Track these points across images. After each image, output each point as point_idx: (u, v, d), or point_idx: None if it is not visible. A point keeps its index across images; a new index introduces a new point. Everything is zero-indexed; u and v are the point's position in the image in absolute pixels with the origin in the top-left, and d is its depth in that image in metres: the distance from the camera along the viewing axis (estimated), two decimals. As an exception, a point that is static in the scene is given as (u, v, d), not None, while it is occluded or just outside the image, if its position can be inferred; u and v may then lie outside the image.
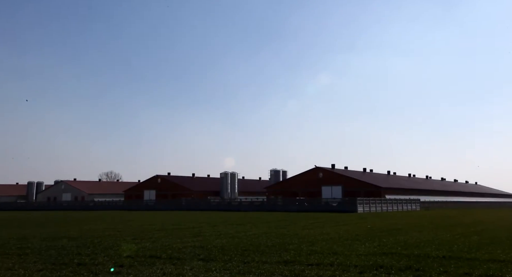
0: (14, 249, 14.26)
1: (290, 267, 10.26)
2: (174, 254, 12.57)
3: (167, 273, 9.63)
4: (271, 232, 20.28)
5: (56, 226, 26.23)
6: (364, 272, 9.59)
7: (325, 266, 10.37)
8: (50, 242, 16.37)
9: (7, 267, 10.69)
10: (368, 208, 51.31)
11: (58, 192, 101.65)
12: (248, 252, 12.92)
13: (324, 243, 15.48)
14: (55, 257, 12.37)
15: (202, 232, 20.69)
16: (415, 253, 12.50)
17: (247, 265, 10.66)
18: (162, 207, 65.47)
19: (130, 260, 11.61)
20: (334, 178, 70.34)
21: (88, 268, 10.36)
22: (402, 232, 20.22)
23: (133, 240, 16.91)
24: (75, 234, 20.13)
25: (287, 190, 73.02)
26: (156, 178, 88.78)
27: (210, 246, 14.46)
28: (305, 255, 12.28)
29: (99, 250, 13.60)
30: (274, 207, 56.16)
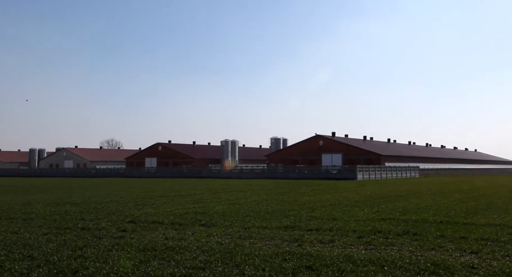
0: (19, 214, 14.51)
1: (290, 232, 10.44)
2: (176, 219, 12.78)
3: (169, 238, 9.81)
4: (271, 199, 20.56)
5: (59, 192, 26.59)
6: (363, 236, 9.77)
7: (324, 231, 10.56)
8: (54, 208, 16.64)
9: (12, 231, 10.91)
10: (367, 175, 51.82)
11: (59, 159, 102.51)
12: (248, 218, 13.12)
13: (323, 209, 15.72)
14: (59, 221, 12.59)
15: (203, 198, 20.97)
16: (413, 219, 12.70)
17: (247, 230, 10.85)
18: (163, 174, 66.18)
19: (132, 225, 11.81)
20: (334, 146, 70.62)
21: (92, 232, 10.56)
22: (400, 199, 20.49)
23: (135, 206, 17.16)
24: (78, 200, 20.43)
25: (288, 158, 73.52)
26: (157, 145, 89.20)
27: (211, 212, 14.68)
28: (304, 220, 12.48)
29: (102, 216, 13.83)
30: (275, 175, 56.74)
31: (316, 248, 8.56)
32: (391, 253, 8.09)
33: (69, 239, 9.71)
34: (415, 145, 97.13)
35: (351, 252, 8.18)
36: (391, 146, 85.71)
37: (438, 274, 6.55)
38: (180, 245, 8.84)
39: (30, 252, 8.20)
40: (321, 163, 68.77)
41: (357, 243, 9.11)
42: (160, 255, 7.91)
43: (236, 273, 6.62)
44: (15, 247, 8.77)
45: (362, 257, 7.65)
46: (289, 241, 9.40)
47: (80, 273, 6.70)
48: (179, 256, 7.83)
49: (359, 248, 8.62)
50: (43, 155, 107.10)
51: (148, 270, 6.80)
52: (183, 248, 8.48)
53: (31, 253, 8.11)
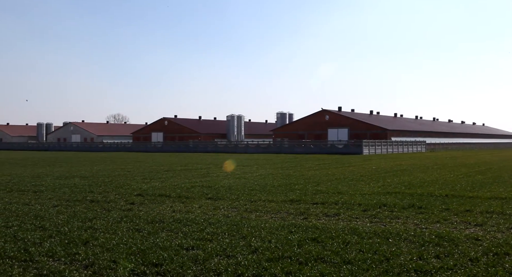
0: (29, 187, 14.78)
1: (295, 206, 10.55)
2: (183, 193, 12.94)
3: (177, 210, 9.96)
4: (277, 173, 20.69)
5: (68, 166, 26.94)
6: (368, 210, 9.85)
7: (330, 205, 10.65)
8: (63, 181, 16.91)
9: (24, 203, 11.14)
10: (374, 150, 51.79)
11: (67, 133, 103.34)
12: (254, 191, 13.25)
13: (329, 183, 15.81)
14: (68, 194, 12.82)
15: (209, 173, 21.15)
16: (418, 192, 12.75)
17: (253, 203, 10.98)
18: (169, 149, 66.63)
19: (140, 198, 12.00)
20: (340, 121, 70.28)
21: (100, 205, 10.75)
22: (406, 173, 20.52)
23: (143, 179, 17.37)
24: (87, 173, 20.71)
25: (294, 133, 73.46)
26: (163, 120, 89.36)
27: (218, 186, 14.82)
28: (310, 194, 12.58)
29: (110, 189, 14.04)
30: (280, 150, 56.88)
31: (322, 221, 8.66)
32: (396, 225, 8.16)
33: (79, 211, 9.90)
34: (422, 119, 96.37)
35: (356, 224, 8.27)
36: (398, 120, 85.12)
37: (442, 246, 6.62)
38: (187, 217, 8.99)
39: (41, 223, 8.39)
40: (327, 137, 68.67)
41: (362, 216, 9.19)
42: (168, 227, 8.05)
43: (243, 245, 6.74)
44: (27, 218, 8.97)
45: (367, 229, 7.74)
46: (295, 214, 9.51)
47: (90, 243, 6.86)
48: (187, 228, 7.97)
49: (364, 221, 8.71)
50: (51, 129, 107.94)
51: (157, 241, 6.94)
52: (191, 221, 8.62)
53: (43, 224, 8.31)
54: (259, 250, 6.41)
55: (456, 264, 5.70)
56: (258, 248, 6.54)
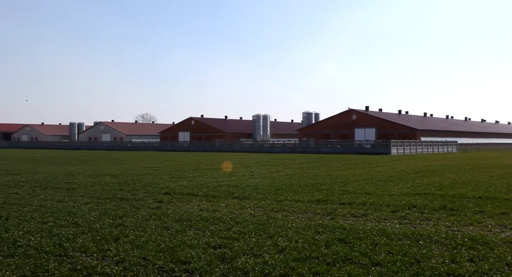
0: (62, 184, 15.30)
1: (322, 206, 10.46)
2: (210, 192, 13.06)
3: (204, 209, 10.06)
4: (303, 173, 20.57)
5: (98, 164, 27.71)
6: (397, 211, 9.64)
7: (357, 205, 10.50)
8: (94, 179, 17.40)
9: (57, 200, 11.55)
10: (402, 150, 50.68)
11: (97, 132, 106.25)
12: (280, 191, 13.22)
13: (356, 183, 15.58)
14: (99, 192, 13.18)
15: (235, 172, 21.26)
16: (449, 194, 12.38)
17: (280, 203, 10.95)
18: (196, 148, 67.40)
19: (168, 196, 12.19)
20: (367, 120, 69.15)
21: (130, 203, 10.99)
22: (436, 174, 19.98)
23: (170, 178, 17.65)
24: (116, 172, 21.23)
25: (320, 132, 72.85)
26: (189, 120, 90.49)
27: (244, 185, 14.88)
28: (337, 194, 12.44)
29: (139, 187, 14.33)
30: (306, 149, 56.53)
31: (349, 222, 8.55)
32: (426, 227, 7.96)
33: (109, 208, 10.16)
34: (453, 119, 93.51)
35: (384, 226, 8.11)
36: (428, 120, 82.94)
37: (476, 249, 6.40)
38: (214, 216, 9.06)
39: (74, 220, 8.67)
40: (354, 137, 67.72)
41: (391, 217, 9.01)
42: (195, 225, 8.14)
43: (270, 244, 6.73)
44: (61, 214, 9.28)
45: (396, 231, 7.58)
46: (322, 214, 9.43)
47: (121, 240, 7.03)
48: (214, 226, 8.04)
49: (393, 222, 8.54)
50: (82, 128, 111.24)
51: (184, 239, 7.03)
52: (217, 219, 8.69)
53: (76, 220, 8.57)
54: (286, 250, 6.40)
55: (491, 269, 5.50)
56: (285, 247, 6.52)
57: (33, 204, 10.82)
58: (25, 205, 10.59)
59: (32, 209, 9.98)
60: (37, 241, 6.90)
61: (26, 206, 10.43)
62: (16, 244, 6.75)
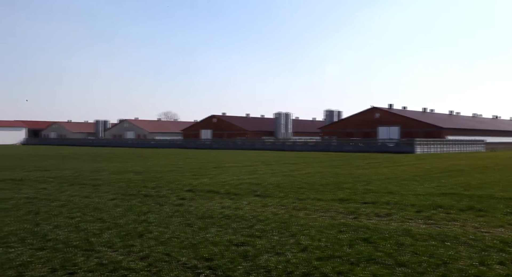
0: (88, 180, 15.69)
1: (345, 205, 10.35)
2: (232, 190, 13.12)
3: (226, 206, 10.12)
4: (325, 171, 20.41)
5: (123, 161, 28.26)
6: (422, 211, 9.45)
7: (381, 205, 10.34)
8: (119, 175, 17.76)
9: (84, 196, 11.85)
10: (427, 149, 49.62)
11: (122, 130, 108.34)
12: (302, 190, 13.16)
13: (379, 182, 15.36)
14: (124, 188, 13.44)
15: (257, 170, 21.29)
16: (477, 194, 12.04)
17: (302, 201, 10.91)
18: (218, 146, 67.85)
19: (191, 194, 12.31)
20: (391, 118, 67.99)
21: (154, 200, 11.16)
22: (463, 173, 19.46)
23: (193, 176, 17.82)
24: (140, 169, 21.59)
25: (342, 131, 72.13)
26: (211, 117, 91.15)
27: (266, 183, 14.88)
28: (360, 193, 12.29)
29: (162, 184, 14.54)
30: (328, 147, 56.07)
31: (373, 221, 8.44)
32: (453, 228, 7.76)
33: (134, 204, 10.35)
34: (481, 117, 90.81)
35: (409, 226, 7.96)
36: (454, 118, 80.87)
37: (507, 252, 6.20)
38: (236, 214, 9.11)
39: (100, 215, 8.87)
40: (377, 135, 66.73)
41: (416, 217, 8.84)
42: (217, 223, 8.20)
43: (292, 243, 6.72)
44: (87, 210, 9.52)
45: (422, 231, 7.43)
46: (345, 213, 9.34)
47: (145, 236, 7.15)
48: (236, 224, 8.08)
49: (418, 222, 8.37)
50: (107, 126, 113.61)
51: (207, 236, 7.09)
52: (240, 217, 8.72)
53: (101, 216, 8.78)
54: (308, 249, 6.37)
55: (522, 272, 5.32)
56: (308, 246, 6.49)
57: (61, 199, 11.14)
58: (54, 200, 10.91)
59: (60, 204, 10.28)
60: (65, 236, 7.10)
61: (54, 201, 10.75)
62: (46, 238, 6.97)
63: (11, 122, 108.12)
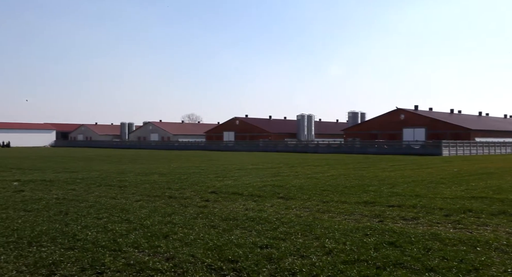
0: (115, 182, 16.02)
1: (370, 208, 10.19)
2: (255, 192, 13.12)
3: (249, 208, 10.13)
4: (349, 174, 20.17)
5: (148, 163, 28.74)
6: (450, 215, 9.19)
7: (407, 208, 10.13)
8: (144, 177, 18.06)
9: (111, 196, 12.11)
10: (455, 151, 48.31)
11: (146, 132, 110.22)
12: (326, 192, 13.03)
13: (405, 185, 15.05)
14: (149, 190, 13.66)
15: (280, 172, 21.24)
16: (510, 198, 11.62)
17: (326, 204, 10.80)
18: (240, 148, 68.07)
19: (214, 195, 12.39)
20: (416, 120, 66.58)
21: (178, 201, 11.29)
22: (494, 176, 18.84)
23: (216, 177, 17.94)
24: (165, 170, 21.90)
25: (366, 132, 71.13)
26: (234, 120, 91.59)
27: (289, 185, 14.82)
28: (385, 196, 12.07)
29: (186, 186, 14.70)
30: (352, 150, 55.39)
31: (399, 225, 8.27)
32: (484, 233, 7.52)
33: (159, 206, 10.49)
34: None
35: (437, 230, 7.76)
36: (483, 119, 78.47)
37: (541, 259, 5.96)
38: (260, 216, 9.10)
39: (126, 216, 9.04)
40: (402, 137, 65.46)
41: (444, 221, 8.61)
42: (241, 225, 8.22)
43: (317, 246, 6.66)
44: (114, 211, 9.72)
45: (451, 236, 7.22)
46: (370, 216, 9.19)
47: (170, 237, 7.23)
48: (260, 226, 8.07)
49: (446, 226, 8.15)
50: (132, 128, 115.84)
51: (231, 238, 7.11)
52: (263, 219, 8.71)
53: (128, 217, 8.94)
54: (333, 252, 6.30)
55: (559, 280, 5.10)
56: (333, 249, 6.42)
57: (88, 200, 11.42)
58: (82, 201, 11.20)
59: (88, 205, 10.54)
60: (93, 236, 7.27)
61: (82, 202, 11.03)
62: (75, 237, 7.15)
63: (42, 125, 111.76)
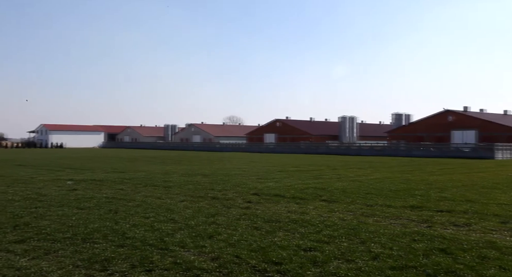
0: (160, 182, 16.51)
1: (417, 213, 9.83)
2: (297, 194, 13.04)
3: (292, 211, 10.08)
4: (394, 177, 19.57)
5: (191, 164, 29.37)
6: (507, 222, 8.67)
7: (458, 214, 9.67)
8: (188, 178, 18.47)
9: (156, 197, 12.48)
10: (509, 154, 45.58)
11: (189, 134, 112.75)
12: (370, 195, 12.72)
13: (455, 190, 14.38)
14: (192, 190, 13.95)
15: (322, 174, 20.98)
16: None
17: (370, 208, 10.55)
18: (281, 150, 67.92)
19: (256, 197, 12.44)
20: (466, 122, 63.49)
21: (221, 202, 11.44)
22: (554, 182, 17.56)
23: (258, 179, 18.00)
24: (207, 171, 22.28)
25: (411, 135, 68.76)
26: (275, 122, 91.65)
27: (331, 188, 14.61)
28: (434, 201, 11.60)
29: (228, 187, 14.86)
30: (396, 152, 53.69)
31: (450, 231, 7.91)
32: (545, 243, 7.03)
33: (202, 206, 10.68)
34: None
35: (493, 237, 7.34)
36: (540, 120, 73.42)
37: None
38: (303, 218, 9.03)
39: (172, 216, 9.28)
40: (451, 140, 62.66)
41: (500, 228, 8.13)
42: (284, 227, 8.19)
43: (362, 250, 6.51)
44: (160, 210, 10.01)
45: (509, 244, 6.81)
46: (417, 221, 8.87)
47: (215, 238, 7.34)
48: (303, 229, 8.01)
49: (503, 234, 7.69)
50: (175, 130, 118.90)
51: (275, 240, 7.11)
52: (306, 222, 8.64)
53: (173, 217, 9.17)
54: (380, 257, 6.13)
55: None
56: (379, 254, 6.25)
57: (136, 199, 11.84)
58: (130, 201, 11.63)
59: (136, 204, 10.92)
60: (141, 234, 7.53)
61: (130, 202, 11.45)
62: (124, 235, 7.44)
63: (92, 127, 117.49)
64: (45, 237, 7.35)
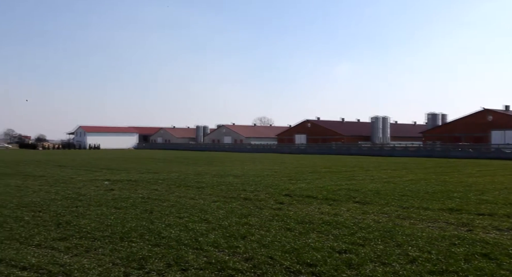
0: (193, 183, 16.76)
1: (456, 216, 9.50)
2: (329, 195, 12.90)
3: (325, 212, 9.98)
4: (430, 179, 18.99)
5: (222, 165, 29.63)
6: (555, 227, 8.23)
7: (500, 217, 9.27)
8: (219, 179, 18.65)
9: (190, 197, 12.68)
10: (554, 155, 43.22)
11: (220, 135, 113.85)
12: (405, 197, 12.40)
13: (496, 192, 13.78)
14: (225, 191, 14.07)
15: (354, 175, 20.65)
16: None
17: (406, 210, 10.28)
18: (312, 151, 67.38)
19: (288, 198, 12.40)
20: (508, 121, 60.72)
21: (253, 203, 11.48)
22: None
23: (289, 180, 17.94)
24: (239, 172, 22.41)
25: (447, 135, 66.50)
26: (306, 122, 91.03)
27: (365, 189, 14.35)
28: (473, 204, 11.16)
29: (260, 188, 14.89)
30: (432, 153, 52.08)
31: (492, 235, 7.59)
32: None
33: (235, 207, 10.75)
34: None
35: (539, 243, 6.99)
36: None
37: None
38: (336, 220, 8.92)
39: (205, 216, 9.40)
40: (490, 140, 60.11)
41: (546, 233, 7.73)
42: (317, 229, 8.12)
43: (399, 253, 6.36)
44: (193, 211, 10.16)
45: (556, 250, 6.46)
46: (456, 224, 8.56)
47: (248, 238, 7.37)
48: (337, 231, 7.91)
49: (550, 239, 7.30)
50: (207, 131, 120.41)
51: (308, 242, 7.06)
52: (340, 224, 8.53)
53: (206, 217, 9.29)
54: (418, 261, 5.96)
55: None
56: (417, 258, 6.08)
57: (170, 200, 12.07)
58: (164, 201, 11.87)
59: (170, 205, 11.13)
60: (176, 234, 7.67)
61: (165, 202, 11.69)
62: (160, 235, 7.60)
63: (126, 129, 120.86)
64: (85, 235, 7.63)
